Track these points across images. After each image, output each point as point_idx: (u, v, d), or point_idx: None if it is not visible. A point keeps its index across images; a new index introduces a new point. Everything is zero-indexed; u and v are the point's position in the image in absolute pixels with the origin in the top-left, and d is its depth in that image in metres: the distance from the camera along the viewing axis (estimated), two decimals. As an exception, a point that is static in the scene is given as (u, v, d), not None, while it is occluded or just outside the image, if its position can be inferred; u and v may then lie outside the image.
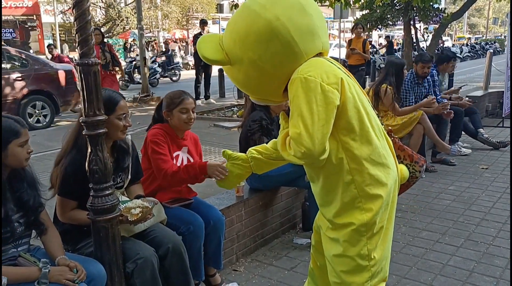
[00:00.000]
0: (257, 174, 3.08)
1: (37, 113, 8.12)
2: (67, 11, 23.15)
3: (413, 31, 11.29)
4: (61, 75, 8.38)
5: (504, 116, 6.99)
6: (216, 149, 5.92)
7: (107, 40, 24.39)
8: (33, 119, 8.04)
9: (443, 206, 3.93)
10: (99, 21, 21.84)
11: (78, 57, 1.85)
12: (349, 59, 9.03)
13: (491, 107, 8.06)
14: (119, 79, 9.56)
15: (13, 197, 1.86)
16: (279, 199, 3.39)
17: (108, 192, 1.94)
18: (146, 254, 2.06)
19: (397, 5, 11.30)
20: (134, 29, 23.38)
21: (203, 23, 10.38)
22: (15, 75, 7.88)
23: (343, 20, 18.07)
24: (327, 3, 9.55)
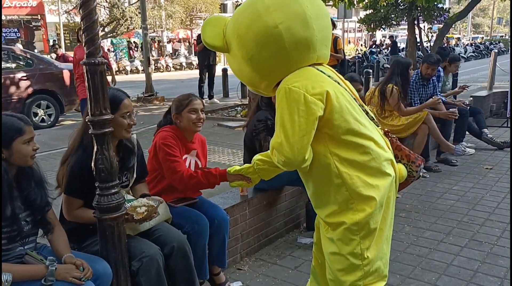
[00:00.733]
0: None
1: (42, 112, 8.16)
2: (72, 10, 23.22)
3: (417, 31, 11.28)
4: (66, 75, 8.41)
5: (508, 116, 6.97)
6: (220, 148, 5.93)
7: (110, 40, 24.51)
8: (38, 118, 8.08)
9: (447, 206, 3.93)
10: (103, 20, 21.85)
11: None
12: None
13: (495, 107, 8.03)
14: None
15: (20, 195, 1.87)
16: (283, 199, 3.40)
17: (114, 190, 1.95)
18: (151, 252, 2.07)
19: (401, 5, 11.30)
20: (138, 29, 23.43)
21: None
22: (20, 75, 7.92)
23: (347, 20, 18.06)
24: (331, 3, 9.56)
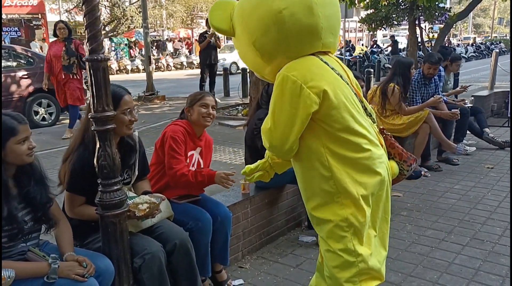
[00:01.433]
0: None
1: (42, 111, 8.15)
2: (72, 9, 23.22)
3: (418, 31, 11.27)
4: (67, 73, 8.39)
5: (509, 116, 6.97)
6: (221, 147, 5.93)
7: (113, 38, 24.50)
8: (39, 117, 8.07)
9: (448, 205, 3.93)
10: (104, 19, 21.87)
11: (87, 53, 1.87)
12: None
13: (496, 107, 8.03)
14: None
15: (20, 193, 1.86)
16: (285, 197, 3.40)
17: (116, 187, 1.95)
18: (153, 249, 2.07)
19: (402, 4, 11.29)
20: (138, 28, 23.43)
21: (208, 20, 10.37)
22: (21, 73, 7.92)
23: (348, 19, 18.04)
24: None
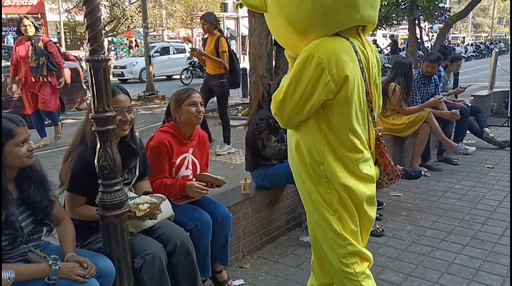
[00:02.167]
0: (263, 172, 3.11)
1: (42, 111, 8.13)
2: (72, 9, 23.21)
3: (417, 31, 11.28)
4: (67, 73, 8.36)
5: (509, 115, 6.97)
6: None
7: (113, 38, 24.49)
8: (38, 116, 8.05)
9: (448, 204, 3.93)
10: (104, 19, 21.86)
11: (87, 54, 1.87)
12: (206, 67, 5.90)
13: (496, 106, 8.04)
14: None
15: (20, 196, 1.86)
16: (285, 197, 3.40)
17: (117, 188, 1.95)
18: (154, 250, 2.07)
19: (402, 4, 11.29)
20: (138, 27, 23.42)
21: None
22: (21, 73, 7.88)
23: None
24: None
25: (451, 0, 34.82)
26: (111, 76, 15.64)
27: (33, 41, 5.82)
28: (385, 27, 13.16)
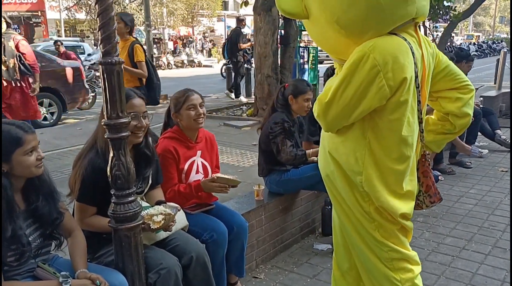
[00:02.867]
0: (277, 178, 2.99)
1: (44, 110, 8.00)
2: (72, 7, 23.06)
3: (422, 30, 11.15)
4: (69, 72, 8.26)
5: (510, 115, 6.82)
6: (228, 149, 5.80)
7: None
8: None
9: (465, 210, 3.81)
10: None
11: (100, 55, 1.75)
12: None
13: (505, 107, 7.91)
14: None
15: (27, 209, 1.74)
16: (299, 203, 3.28)
17: (131, 198, 1.83)
18: (169, 264, 1.95)
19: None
20: (139, 26, 23.26)
21: (240, 20, 10.11)
22: (22, 72, 7.74)
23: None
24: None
25: (453, -1, 34.68)
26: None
27: (3, 39, 5.01)
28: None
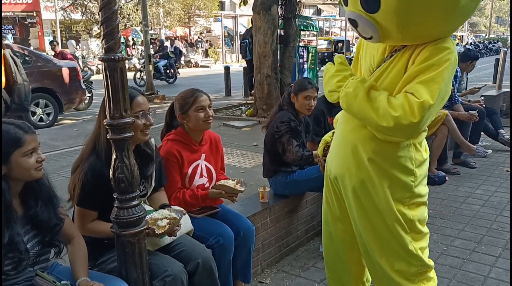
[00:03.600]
0: (283, 179, 2.90)
1: (40, 111, 7.91)
2: (68, 7, 22.88)
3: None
4: (65, 73, 8.16)
5: (510, 115, 6.77)
6: (228, 149, 5.71)
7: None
8: (36, 117, 7.83)
9: (472, 211, 3.74)
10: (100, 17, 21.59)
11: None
12: None
13: (505, 107, 7.85)
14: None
15: (25, 214, 1.64)
16: (304, 205, 3.19)
17: (134, 202, 1.73)
18: (175, 270, 1.86)
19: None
20: (135, 26, 23.14)
21: None
22: (18, 72, 7.64)
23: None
24: (336, 1, 9.37)
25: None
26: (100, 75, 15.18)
27: None
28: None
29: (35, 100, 7.80)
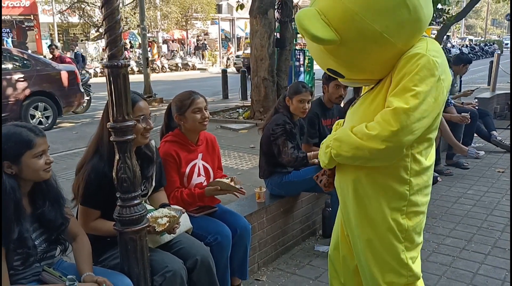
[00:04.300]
0: (279, 180, 3.00)
1: (39, 114, 7.99)
2: (65, 11, 22.96)
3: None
4: (64, 76, 8.25)
5: (510, 117, 6.90)
6: (226, 152, 5.80)
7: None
8: (35, 120, 7.91)
9: (464, 211, 3.84)
10: (98, 21, 21.65)
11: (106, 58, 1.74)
12: None
13: (499, 109, 7.99)
14: None
15: (33, 213, 1.73)
16: (300, 205, 3.28)
17: (136, 201, 1.82)
18: (174, 266, 1.95)
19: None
20: (133, 29, 23.23)
21: None
22: (17, 76, 7.73)
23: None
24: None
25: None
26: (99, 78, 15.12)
27: None
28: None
29: (34, 103, 7.90)
